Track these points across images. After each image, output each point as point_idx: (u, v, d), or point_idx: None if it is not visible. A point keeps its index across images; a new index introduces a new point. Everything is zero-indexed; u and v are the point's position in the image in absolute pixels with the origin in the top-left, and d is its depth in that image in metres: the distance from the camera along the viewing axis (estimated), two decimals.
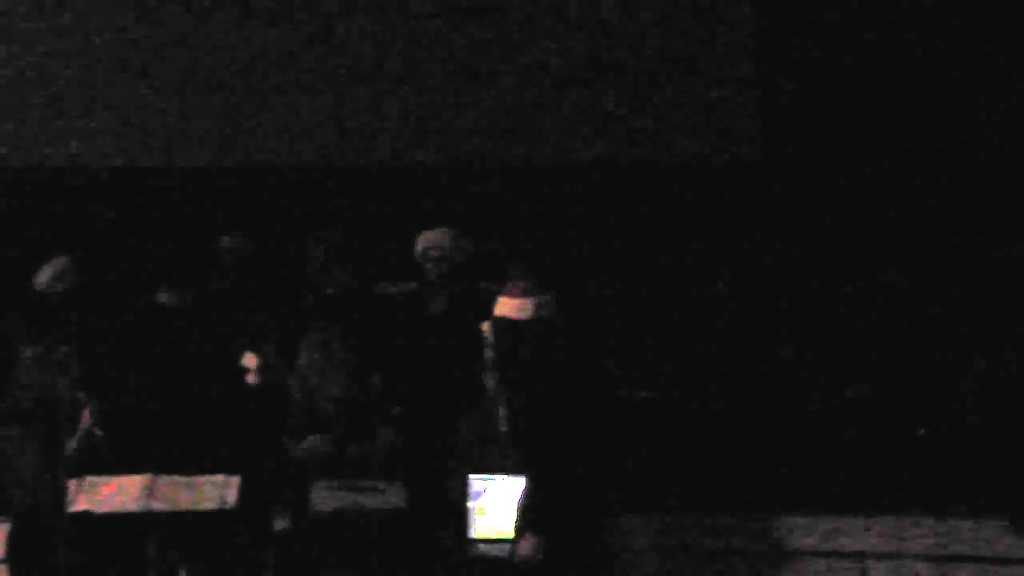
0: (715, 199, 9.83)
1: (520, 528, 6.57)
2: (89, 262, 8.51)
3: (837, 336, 9.43)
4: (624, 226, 9.73)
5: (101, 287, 8.51)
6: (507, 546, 6.74)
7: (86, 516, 7.07)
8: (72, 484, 7.15)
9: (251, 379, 7.81)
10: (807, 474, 8.68)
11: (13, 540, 7.42)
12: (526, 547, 6.36)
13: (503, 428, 6.87)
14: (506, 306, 6.61)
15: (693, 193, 9.84)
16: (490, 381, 7.05)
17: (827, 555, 8.17)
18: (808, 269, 9.65)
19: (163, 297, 8.26)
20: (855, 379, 9.15)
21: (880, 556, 8.11)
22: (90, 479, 7.18)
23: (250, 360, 7.83)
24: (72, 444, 7.45)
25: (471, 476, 7.25)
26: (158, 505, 7.09)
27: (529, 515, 6.53)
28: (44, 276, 8.42)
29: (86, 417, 7.50)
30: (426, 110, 9.99)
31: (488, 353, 6.97)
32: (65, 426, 7.51)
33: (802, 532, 8.21)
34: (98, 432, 7.47)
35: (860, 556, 8.14)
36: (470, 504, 7.24)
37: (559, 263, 8.75)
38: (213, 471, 7.22)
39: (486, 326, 6.91)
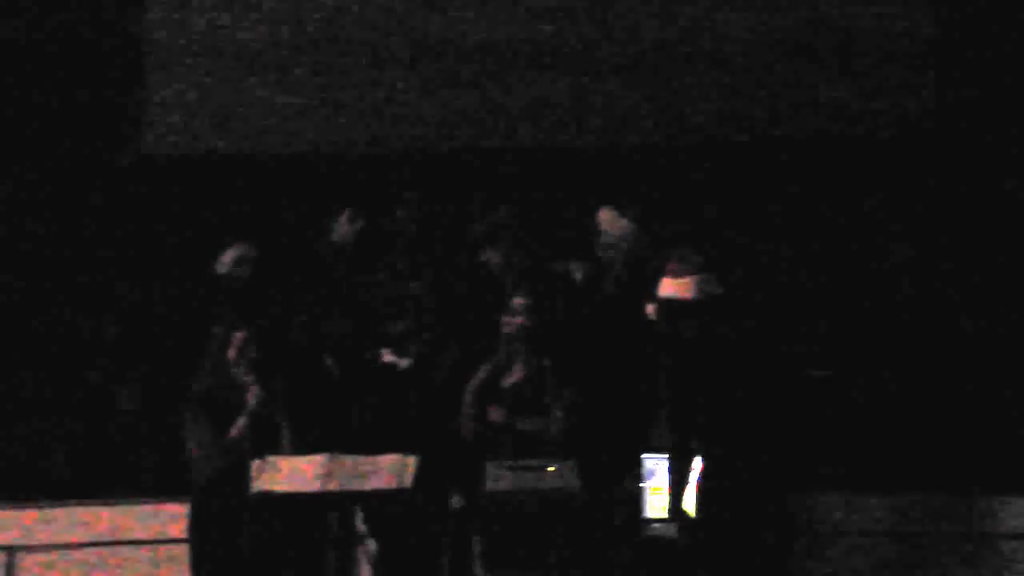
0: (889, 171, 9.63)
1: (698, 507, 6.52)
2: (270, 248, 8.66)
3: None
4: (795, 201, 9.58)
5: (281, 273, 8.65)
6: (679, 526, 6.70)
7: (266, 495, 7.16)
8: (254, 464, 7.25)
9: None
10: (1000, 456, 8.51)
11: (194, 519, 7.55)
12: None
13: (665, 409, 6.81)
14: (669, 286, 6.55)
15: (867, 165, 9.65)
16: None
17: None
18: (986, 240, 9.41)
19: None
20: None
21: None
22: (271, 459, 7.29)
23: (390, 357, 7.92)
24: (240, 423, 7.56)
25: (644, 456, 7.23)
26: (336, 485, 7.16)
27: (703, 495, 6.47)
28: (226, 261, 8.59)
29: (251, 398, 7.60)
30: (598, 94, 9.95)
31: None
32: (241, 411, 7.63)
33: (998, 514, 8.05)
34: (263, 412, 7.57)
35: None
36: (644, 484, 7.23)
37: (731, 241, 8.64)
38: (390, 451, 7.26)
39: (651, 308, 6.86)
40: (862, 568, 8.06)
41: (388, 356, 7.94)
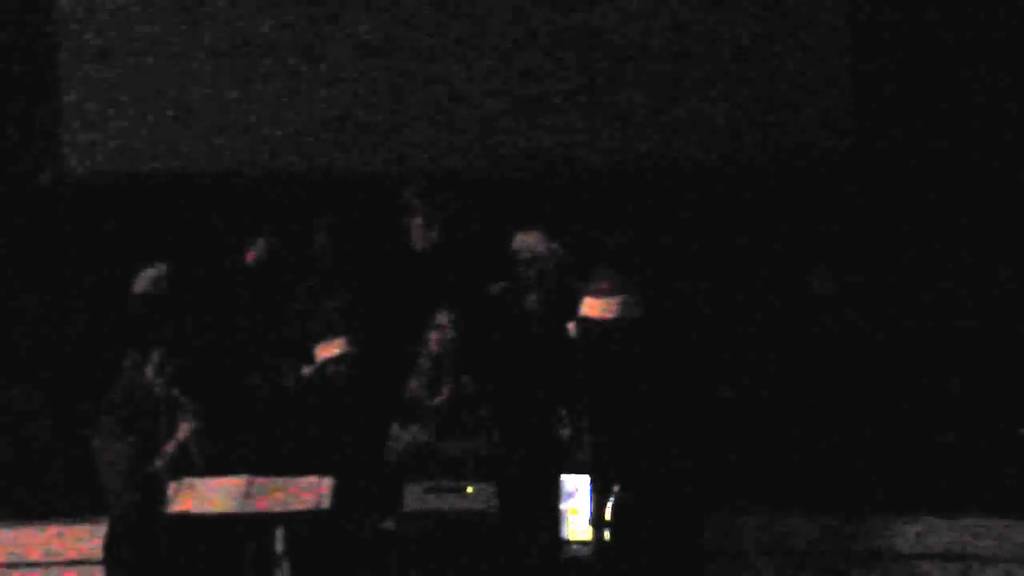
0: (805, 193, 9.74)
1: (597, 528, 6.54)
2: (183, 268, 8.63)
3: (933, 332, 9.33)
4: (713, 223, 9.67)
5: (195, 292, 8.62)
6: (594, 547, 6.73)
7: (184, 517, 7.12)
8: (171, 485, 7.21)
9: (332, 370, 7.84)
10: (903, 475, 8.61)
11: (110, 541, 7.50)
12: None
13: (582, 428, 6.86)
14: (590, 306, 6.59)
15: (783, 188, 9.77)
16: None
17: (931, 557, 8.10)
18: (902, 261, 9.54)
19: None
20: (951, 375, 9.06)
21: (985, 560, 8.03)
22: (188, 480, 7.25)
23: (326, 350, 7.87)
24: (167, 453, 7.51)
25: (563, 476, 7.25)
26: (254, 506, 7.14)
27: (602, 515, 6.50)
28: (143, 282, 8.56)
29: (185, 430, 7.55)
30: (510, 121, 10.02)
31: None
32: (162, 428, 7.58)
33: (903, 533, 8.15)
34: (194, 449, 7.53)
35: (963, 558, 8.06)
36: (562, 505, 7.24)
37: (651, 263, 8.70)
38: (308, 472, 7.25)
39: (572, 326, 6.90)
40: None
41: (307, 370, 7.93)
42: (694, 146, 9.96)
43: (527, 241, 8.12)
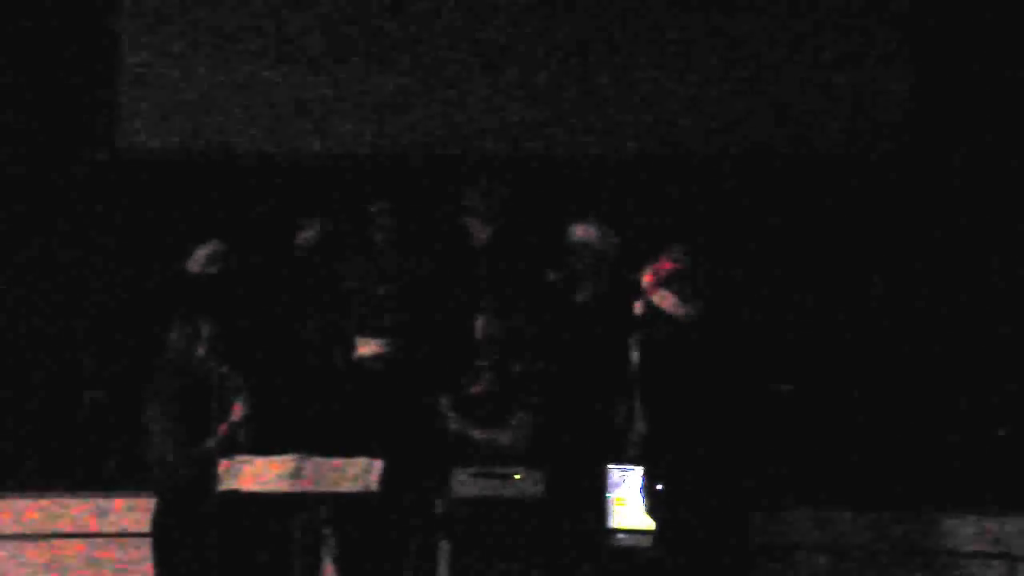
0: (862, 190, 9.70)
1: (664, 518, 6.56)
2: (239, 247, 8.67)
3: (986, 331, 9.28)
4: (770, 216, 9.63)
5: (250, 271, 8.66)
6: (646, 537, 6.75)
7: (233, 495, 7.17)
8: (221, 463, 7.26)
9: (368, 365, 7.89)
10: (957, 471, 8.59)
11: (158, 518, 7.55)
12: None
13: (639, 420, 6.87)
14: (665, 299, 6.61)
15: (840, 184, 9.72)
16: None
17: (979, 555, 8.07)
18: (957, 261, 9.49)
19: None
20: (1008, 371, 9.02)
21: None
22: (239, 458, 7.30)
23: (364, 348, 7.92)
24: (220, 434, 7.55)
25: (611, 466, 7.27)
26: (303, 486, 7.19)
27: (659, 507, 6.52)
28: (198, 258, 8.61)
29: (237, 412, 7.59)
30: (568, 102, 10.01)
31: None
32: (212, 405, 7.61)
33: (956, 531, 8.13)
34: (241, 430, 7.56)
35: (1009, 557, 8.03)
36: (609, 495, 7.27)
37: (706, 255, 8.68)
38: (358, 454, 7.29)
39: (639, 306, 6.88)
40: None
41: (364, 348, 7.96)
42: (749, 133, 9.91)
43: (584, 232, 8.10)
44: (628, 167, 9.82)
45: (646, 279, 6.92)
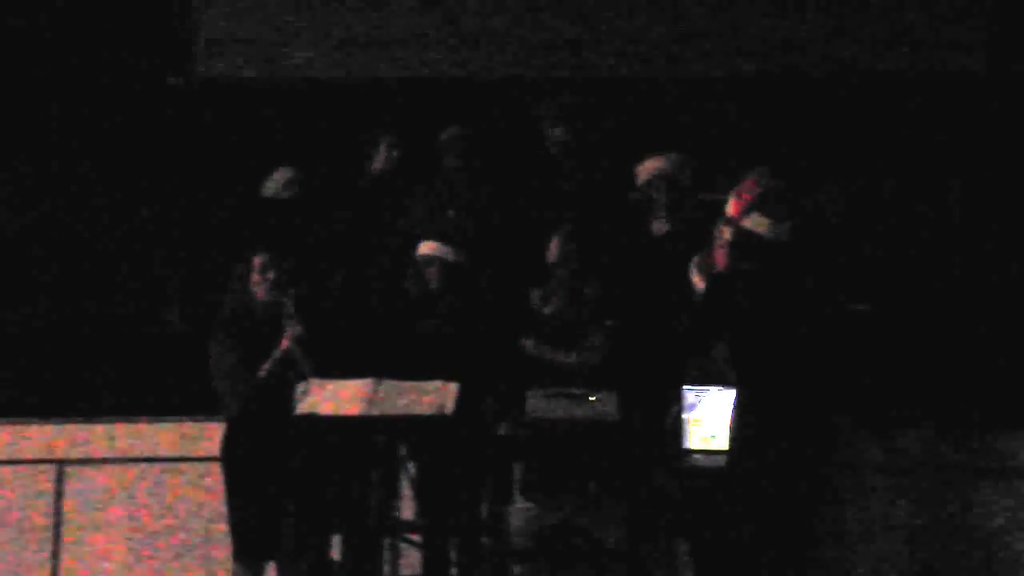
0: (939, 110, 9.56)
1: (734, 440, 6.54)
2: (318, 174, 8.69)
3: None
4: (846, 137, 9.53)
5: (326, 199, 8.68)
6: (721, 457, 6.74)
7: (309, 418, 7.22)
8: (298, 386, 7.30)
9: (432, 275, 7.87)
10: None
11: (228, 441, 7.61)
12: None
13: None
14: (758, 223, 6.56)
15: (917, 104, 9.59)
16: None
17: None
18: None
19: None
20: None
21: None
22: (315, 381, 7.33)
23: (429, 247, 7.90)
24: (272, 359, 7.58)
25: (685, 387, 7.26)
26: (378, 409, 7.22)
27: (744, 428, 6.50)
28: (272, 184, 8.64)
29: (288, 336, 7.59)
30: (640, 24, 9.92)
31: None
32: (265, 334, 7.61)
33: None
34: (298, 354, 7.55)
35: None
36: (685, 415, 7.26)
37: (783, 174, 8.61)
38: (432, 378, 7.31)
39: (726, 231, 6.84)
40: (899, 499, 8.14)
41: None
42: (824, 57, 9.81)
43: (657, 162, 8.07)
44: (712, 88, 9.74)
45: (733, 205, 6.87)
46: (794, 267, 6.55)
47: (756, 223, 6.60)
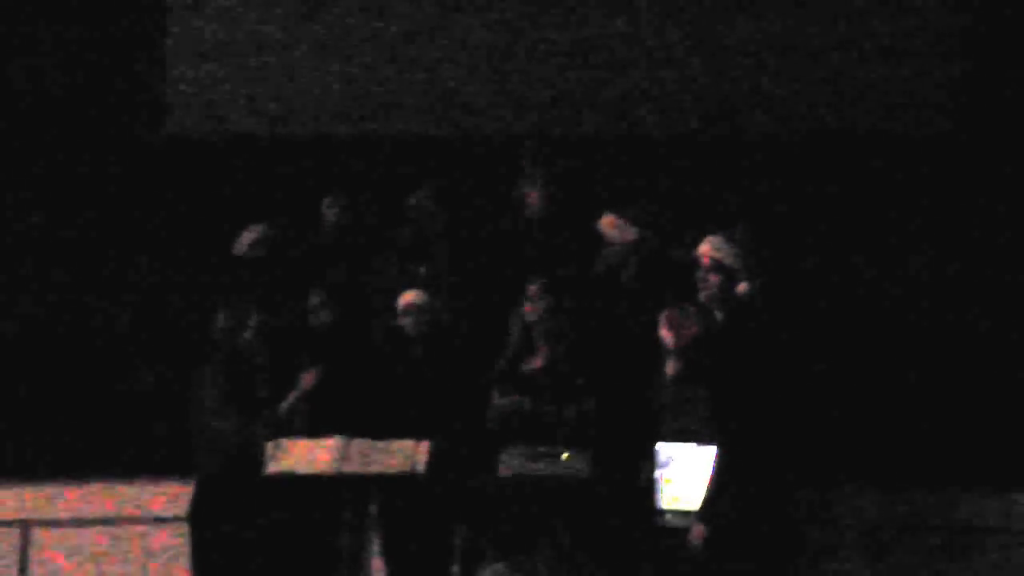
0: (907, 170, 9.64)
1: (708, 499, 6.51)
2: (282, 230, 8.69)
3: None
4: (814, 196, 9.60)
5: (296, 254, 8.68)
6: (692, 516, 6.69)
7: (280, 477, 7.17)
8: (268, 446, 7.26)
9: (405, 321, 7.86)
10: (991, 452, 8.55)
11: (198, 501, 7.55)
12: (695, 535, 6.29)
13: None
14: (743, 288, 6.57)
15: (885, 164, 9.67)
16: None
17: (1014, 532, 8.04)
18: (1001, 241, 9.43)
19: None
20: None
21: None
22: (285, 440, 7.30)
23: (406, 298, 7.90)
24: (289, 402, 7.57)
25: (659, 445, 7.23)
26: (350, 468, 7.18)
27: (718, 486, 6.46)
28: (244, 242, 8.63)
29: (308, 380, 7.60)
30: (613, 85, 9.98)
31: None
32: (260, 390, 7.62)
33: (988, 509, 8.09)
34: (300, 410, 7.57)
35: None
36: (657, 473, 7.22)
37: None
38: (405, 435, 7.27)
39: (743, 287, 6.79)
40: (866, 560, 8.12)
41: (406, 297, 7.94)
42: (790, 115, 9.89)
43: (609, 227, 8.10)
44: (677, 147, 9.78)
45: (668, 340, 6.90)
46: (770, 325, 6.54)
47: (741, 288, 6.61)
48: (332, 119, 10.01)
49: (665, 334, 7.10)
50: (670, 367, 7.04)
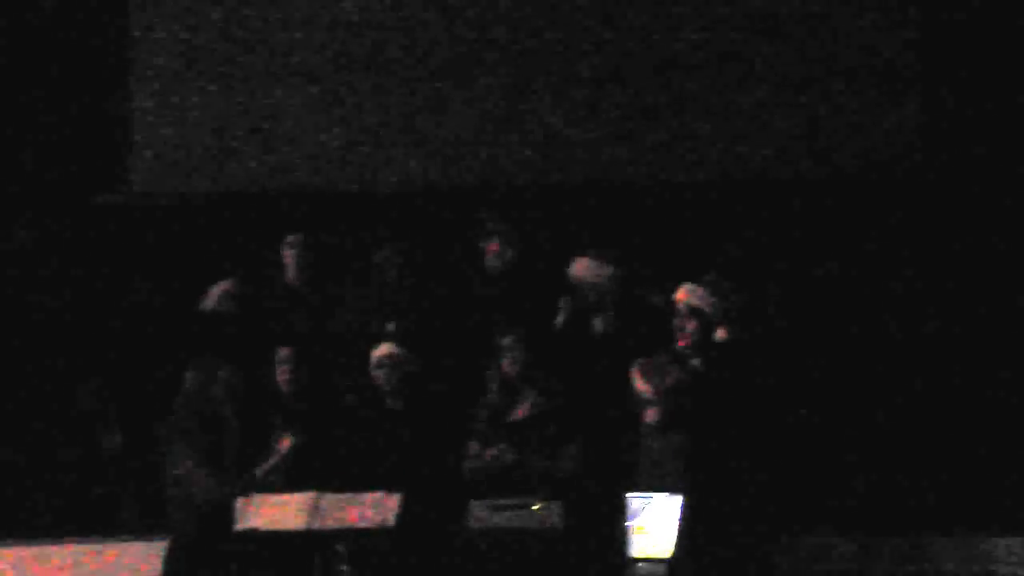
0: (876, 208, 9.71)
1: (680, 548, 6.52)
2: (249, 286, 8.69)
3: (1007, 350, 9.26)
4: (782, 238, 9.65)
5: (264, 310, 8.68)
6: (665, 566, 6.70)
7: (251, 534, 7.15)
8: (238, 502, 7.24)
9: (378, 374, 7.86)
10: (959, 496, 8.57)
11: (171, 559, 7.51)
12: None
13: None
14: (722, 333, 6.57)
15: (853, 203, 9.74)
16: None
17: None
18: (972, 278, 9.49)
19: None
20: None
21: None
22: (256, 497, 7.28)
23: (379, 352, 7.90)
24: (266, 467, 7.55)
25: (629, 495, 7.23)
26: (321, 523, 7.16)
27: (688, 535, 6.48)
28: (212, 297, 8.63)
29: (286, 444, 7.59)
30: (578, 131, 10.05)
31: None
32: (229, 446, 7.62)
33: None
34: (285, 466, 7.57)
35: None
36: (629, 523, 7.21)
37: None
38: (376, 488, 7.27)
39: (723, 332, 6.80)
40: None
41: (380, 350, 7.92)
42: (761, 160, 9.96)
43: (581, 268, 8.13)
44: (649, 194, 9.84)
45: (646, 390, 6.92)
46: (749, 371, 6.57)
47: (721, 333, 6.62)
48: (294, 175, 10.04)
49: (641, 384, 7.10)
50: (650, 415, 7.05)
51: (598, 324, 8.07)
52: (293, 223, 9.29)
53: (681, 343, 6.88)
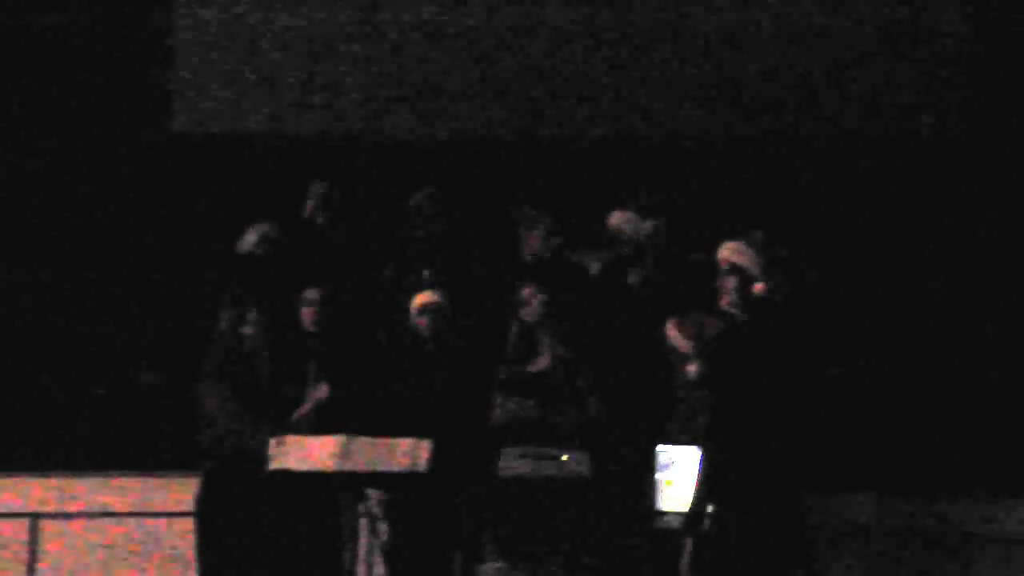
0: (919, 173, 9.65)
1: (698, 500, 6.51)
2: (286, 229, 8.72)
3: None
4: (827, 199, 9.61)
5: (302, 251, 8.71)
6: (683, 518, 6.71)
7: (282, 473, 7.22)
8: (271, 442, 7.30)
9: (420, 321, 7.89)
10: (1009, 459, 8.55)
11: (204, 495, 7.60)
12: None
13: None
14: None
15: (898, 167, 9.68)
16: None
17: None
18: (1007, 241, 9.44)
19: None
20: None
21: None
22: (288, 437, 7.33)
23: (423, 298, 7.92)
24: (302, 411, 7.63)
25: (658, 447, 7.26)
26: (352, 465, 7.22)
27: (708, 487, 6.48)
28: (247, 240, 8.65)
29: (324, 391, 7.66)
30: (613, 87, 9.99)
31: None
32: (262, 387, 7.65)
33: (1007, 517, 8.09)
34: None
35: None
36: (657, 475, 7.25)
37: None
38: (408, 433, 7.32)
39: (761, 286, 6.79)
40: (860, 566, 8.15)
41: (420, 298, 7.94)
42: (803, 117, 9.91)
43: (620, 219, 8.12)
44: (692, 150, 9.79)
45: (685, 344, 6.89)
46: (790, 327, 6.54)
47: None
48: (338, 119, 10.04)
49: (680, 340, 7.10)
50: (691, 369, 7.05)
51: (634, 276, 8.07)
52: (330, 166, 9.31)
53: (724, 302, 6.86)
